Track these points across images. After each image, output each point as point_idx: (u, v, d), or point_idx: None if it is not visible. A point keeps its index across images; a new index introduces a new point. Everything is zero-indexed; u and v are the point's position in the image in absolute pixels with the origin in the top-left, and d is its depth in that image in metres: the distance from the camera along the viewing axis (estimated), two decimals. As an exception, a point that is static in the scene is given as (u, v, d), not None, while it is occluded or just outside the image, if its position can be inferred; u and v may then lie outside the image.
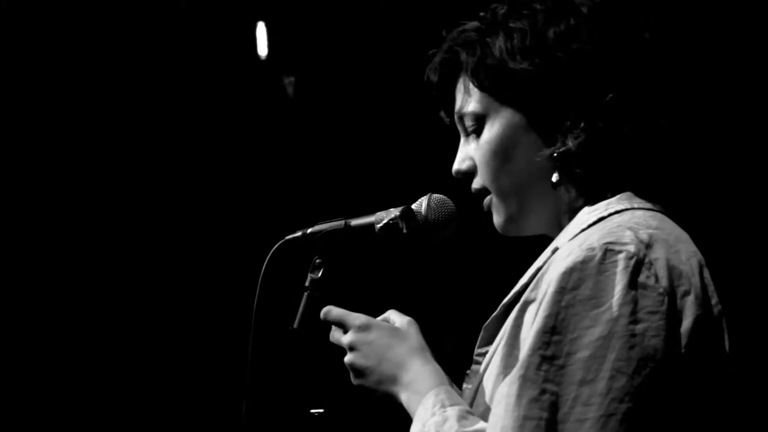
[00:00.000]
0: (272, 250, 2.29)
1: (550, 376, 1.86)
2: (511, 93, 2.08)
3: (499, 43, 2.08)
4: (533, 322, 1.91)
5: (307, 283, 2.25)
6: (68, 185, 5.07)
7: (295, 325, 2.23)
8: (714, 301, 1.96)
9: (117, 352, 5.09)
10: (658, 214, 2.04)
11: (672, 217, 2.06)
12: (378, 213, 2.26)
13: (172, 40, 5.03)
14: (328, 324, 2.19)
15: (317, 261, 2.26)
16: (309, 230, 2.28)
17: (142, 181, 5.12)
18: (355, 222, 2.27)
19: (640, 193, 2.07)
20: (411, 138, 4.87)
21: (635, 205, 2.04)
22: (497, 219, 2.15)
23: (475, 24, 2.13)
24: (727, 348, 1.96)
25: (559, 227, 2.12)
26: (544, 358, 1.87)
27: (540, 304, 1.91)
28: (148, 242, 5.12)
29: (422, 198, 2.25)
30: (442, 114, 2.23)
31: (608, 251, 1.90)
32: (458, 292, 4.76)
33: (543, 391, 1.86)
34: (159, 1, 4.98)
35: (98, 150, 5.08)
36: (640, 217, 2.00)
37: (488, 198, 2.15)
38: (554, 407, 1.86)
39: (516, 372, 1.88)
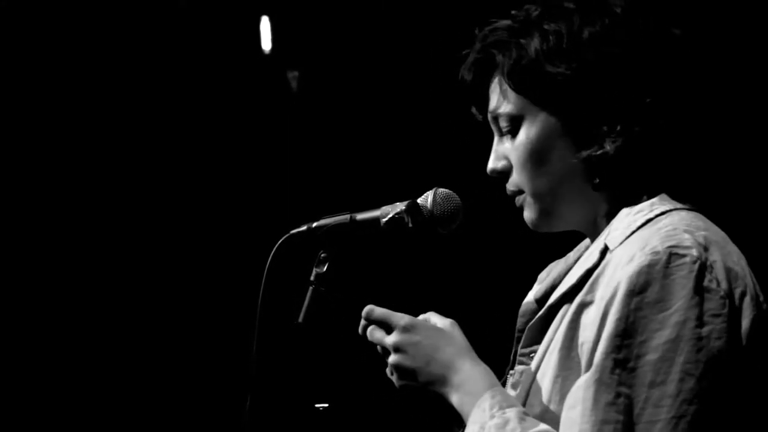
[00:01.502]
0: (277, 245, 2.29)
1: (623, 379, 1.90)
2: (547, 96, 2.09)
3: (534, 45, 2.08)
4: (598, 325, 1.94)
5: (312, 278, 2.25)
6: (71, 182, 5.06)
7: (300, 320, 2.23)
8: (761, 298, 2.00)
9: (122, 347, 5.09)
10: (700, 215, 2.07)
11: (707, 216, 2.08)
12: (383, 207, 2.26)
13: (175, 35, 5.03)
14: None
15: (322, 255, 2.26)
16: (314, 224, 2.28)
17: (146, 176, 5.12)
18: (360, 216, 2.26)
19: (674, 195, 2.09)
20: (416, 132, 4.86)
21: (678, 206, 2.06)
22: (529, 215, 2.16)
23: (506, 23, 2.14)
24: None
25: (594, 227, 2.14)
26: (617, 362, 1.91)
27: (605, 306, 1.94)
28: (152, 237, 5.12)
29: (428, 192, 2.25)
30: (474, 111, 2.23)
31: (673, 255, 1.93)
32: (464, 286, 4.76)
33: (618, 395, 1.90)
34: (163, -4, 4.99)
35: (101, 146, 5.08)
36: (686, 218, 2.03)
37: (521, 197, 2.16)
38: (629, 410, 1.90)
39: (591, 376, 1.91)
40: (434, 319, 2.16)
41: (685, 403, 1.88)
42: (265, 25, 5.06)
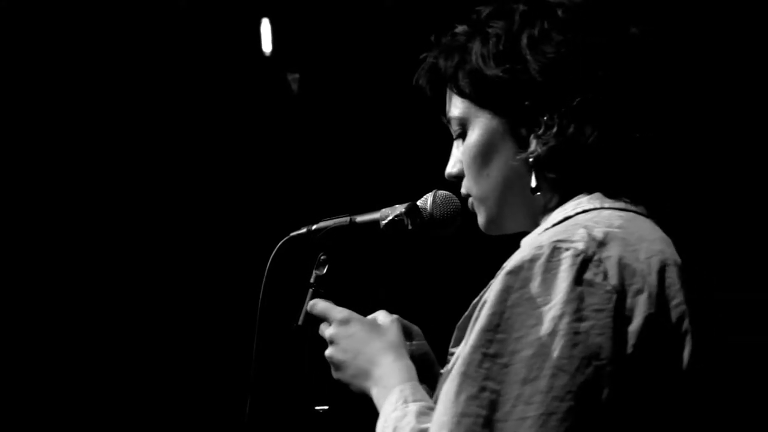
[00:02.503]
0: (277, 247, 2.29)
1: (492, 374, 1.85)
2: (487, 98, 2.08)
3: (475, 49, 2.09)
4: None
5: (311, 280, 2.26)
6: (71, 183, 5.07)
7: (300, 322, 2.24)
8: (675, 301, 1.92)
9: (122, 350, 5.09)
10: (630, 214, 2.02)
11: (653, 218, 2.04)
12: (383, 209, 2.26)
13: (176, 37, 5.03)
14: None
15: (322, 257, 2.27)
16: (314, 227, 2.29)
17: (147, 178, 5.12)
18: (359, 218, 2.27)
19: (613, 195, 2.05)
20: (415, 134, 4.87)
21: (605, 205, 2.03)
22: (480, 219, 2.16)
23: (463, 28, 2.14)
24: (687, 349, 1.92)
25: (537, 227, 2.11)
26: (485, 356, 1.86)
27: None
28: (153, 239, 5.12)
29: (427, 194, 2.26)
30: (442, 116, 2.24)
31: (555, 249, 1.89)
32: (461, 287, 4.75)
33: (482, 389, 1.84)
34: (164, -1, 4.99)
35: (102, 148, 5.08)
36: (603, 216, 1.99)
37: (471, 199, 2.16)
38: (494, 405, 1.84)
39: (457, 369, 1.87)
40: (380, 317, 2.19)
41: (557, 400, 1.81)
42: (265, 27, 5.06)
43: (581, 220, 1.98)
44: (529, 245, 1.93)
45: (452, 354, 2.10)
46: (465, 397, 1.85)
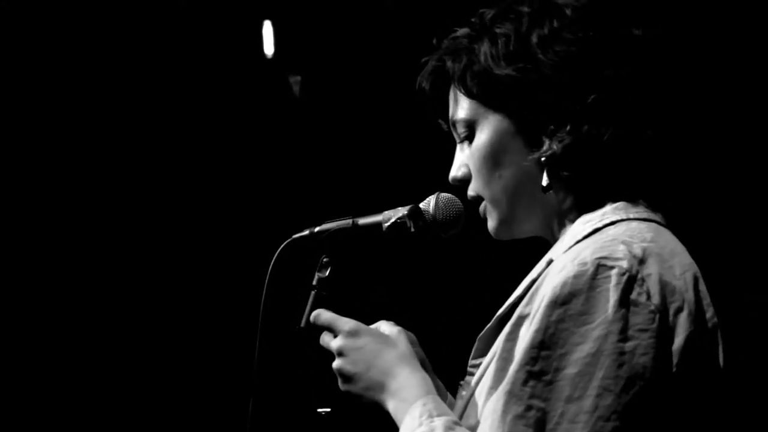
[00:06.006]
0: (279, 249, 2.29)
1: (537, 392, 1.86)
2: (497, 98, 2.08)
3: (484, 49, 2.08)
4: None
5: (314, 282, 2.26)
6: (72, 186, 5.07)
7: (302, 324, 2.24)
8: (709, 314, 1.95)
9: (124, 352, 5.09)
10: (654, 225, 2.02)
11: (669, 226, 2.05)
12: (385, 212, 2.26)
13: (178, 39, 5.03)
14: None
15: (324, 260, 2.27)
16: (316, 229, 2.29)
17: (148, 180, 5.12)
18: (362, 221, 2.27)
19: (634, 201, 2.05)
20: (418, 137, 4.86)
21: (631, 216, 2.03)
22: (490, 223, 2.15)
23: (465, 30, 2.14)
24: (721, 361, 1.95)
25: (551, 231, 2.12)
26: (531, 374, 1.86)
27: (532, 319, 1.90)
28: (154, 242, 5.12)
29: (430, 197, 2.26)
30: (440, 121, 2.23)
31: (600, 266, 1.89)
32: (465, 289, 4.76)
33: (529, 408, 1.85)
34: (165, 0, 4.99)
35: (103, 150, 5.08)
36: (635, 230, 1.99)
37: (483, 204, 2.15)
38: (540, 423, 1.85)
39: (503, 387, 1.88)
40: (383, 327, 2.17)
41: (602, 420, 1.83)
42: (267, 29, 5.07)
43: (614, 233, 1.98)
44: (570, 261, 1.91)
45: (474, 366, 2.10)
46: (512, 416, 1.85)
